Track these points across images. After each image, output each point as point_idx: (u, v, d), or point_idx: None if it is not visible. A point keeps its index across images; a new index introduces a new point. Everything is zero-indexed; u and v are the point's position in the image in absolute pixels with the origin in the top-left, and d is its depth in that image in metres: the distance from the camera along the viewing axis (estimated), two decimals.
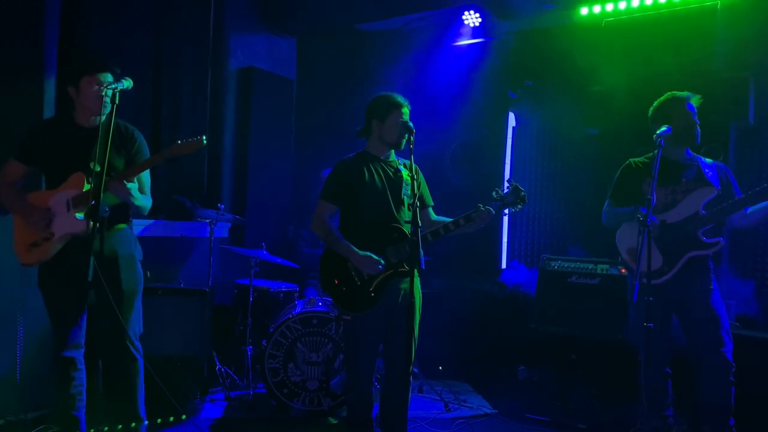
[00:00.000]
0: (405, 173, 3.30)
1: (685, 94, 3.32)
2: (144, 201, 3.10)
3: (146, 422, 3.19)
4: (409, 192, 3.24)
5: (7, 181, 3.09)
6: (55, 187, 3.02)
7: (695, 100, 3.31)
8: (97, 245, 2.55)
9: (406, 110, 3.25)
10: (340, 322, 3.92)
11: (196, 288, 4.21)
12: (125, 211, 3.15)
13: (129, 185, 2.94)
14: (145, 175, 3.15)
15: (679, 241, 3.22)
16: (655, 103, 3.38)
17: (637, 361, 3.15)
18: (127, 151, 3.11)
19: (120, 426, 3.10)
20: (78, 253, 2.82)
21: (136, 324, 3.13)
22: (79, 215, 2.93)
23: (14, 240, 3.03)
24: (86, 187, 2.95)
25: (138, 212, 3.14)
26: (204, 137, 2.95)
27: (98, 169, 2.75)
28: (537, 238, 5.43)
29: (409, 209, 3.24)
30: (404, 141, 3.20)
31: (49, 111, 3.91)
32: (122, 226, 3.14)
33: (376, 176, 3.25)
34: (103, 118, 3.04)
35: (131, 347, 3.08)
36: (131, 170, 3.00)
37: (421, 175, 3.34)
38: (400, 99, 3.26)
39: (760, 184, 3.14)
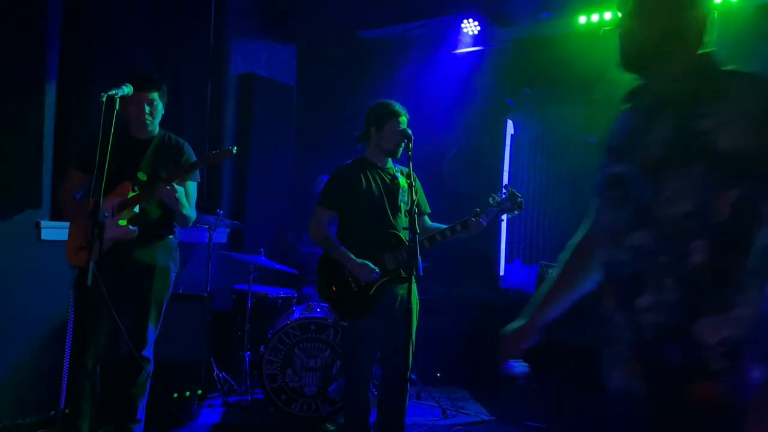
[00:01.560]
0: (402, 180, 3.31)
1: None
2: (190, 211, 3.19)
3: (143, 423, 3.21)
4: (406, 198, 3.25)
5: (70, 190, 3.22)
6: (107, 195, 3.07)
7: None
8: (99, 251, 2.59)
9: (404, 119, 3.25)
10: (338, 328, 3.92)
11: (194, 294, 4.22)
12: (170, 220, 3.24)
13: (178, 188, 3.03)
14: (191, 188, 3.24)
15: None
16: None
17: None
18: (175, 162, 3.23)
19: None
20: (115, 260, 2.92)
21: (153, 332, 3.20)
22: (122, 222, 3.05)
23: (67, 244, 3.16)
24: (131, 194, 3.07)
25: (184, 221, 3.21)
26: (234, 148, 3.09)
27: (144, 178, 3.05)
28: (535, 243, 5.44)
29: (405, 216, 3.25)
30: (401, 149, 3.21)
31: (50, 116, 3.92)
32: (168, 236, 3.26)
33: (373, 183, 3.26)
34: (156, 128, 3.23)
35: (145, 353, 3.14)
36: (173, 175, 3.07)
37: (418, 182, 3.35)
38: (398, 107, 3.27)
39: None
